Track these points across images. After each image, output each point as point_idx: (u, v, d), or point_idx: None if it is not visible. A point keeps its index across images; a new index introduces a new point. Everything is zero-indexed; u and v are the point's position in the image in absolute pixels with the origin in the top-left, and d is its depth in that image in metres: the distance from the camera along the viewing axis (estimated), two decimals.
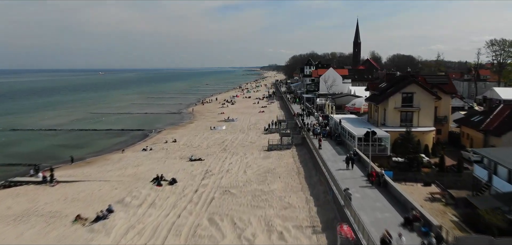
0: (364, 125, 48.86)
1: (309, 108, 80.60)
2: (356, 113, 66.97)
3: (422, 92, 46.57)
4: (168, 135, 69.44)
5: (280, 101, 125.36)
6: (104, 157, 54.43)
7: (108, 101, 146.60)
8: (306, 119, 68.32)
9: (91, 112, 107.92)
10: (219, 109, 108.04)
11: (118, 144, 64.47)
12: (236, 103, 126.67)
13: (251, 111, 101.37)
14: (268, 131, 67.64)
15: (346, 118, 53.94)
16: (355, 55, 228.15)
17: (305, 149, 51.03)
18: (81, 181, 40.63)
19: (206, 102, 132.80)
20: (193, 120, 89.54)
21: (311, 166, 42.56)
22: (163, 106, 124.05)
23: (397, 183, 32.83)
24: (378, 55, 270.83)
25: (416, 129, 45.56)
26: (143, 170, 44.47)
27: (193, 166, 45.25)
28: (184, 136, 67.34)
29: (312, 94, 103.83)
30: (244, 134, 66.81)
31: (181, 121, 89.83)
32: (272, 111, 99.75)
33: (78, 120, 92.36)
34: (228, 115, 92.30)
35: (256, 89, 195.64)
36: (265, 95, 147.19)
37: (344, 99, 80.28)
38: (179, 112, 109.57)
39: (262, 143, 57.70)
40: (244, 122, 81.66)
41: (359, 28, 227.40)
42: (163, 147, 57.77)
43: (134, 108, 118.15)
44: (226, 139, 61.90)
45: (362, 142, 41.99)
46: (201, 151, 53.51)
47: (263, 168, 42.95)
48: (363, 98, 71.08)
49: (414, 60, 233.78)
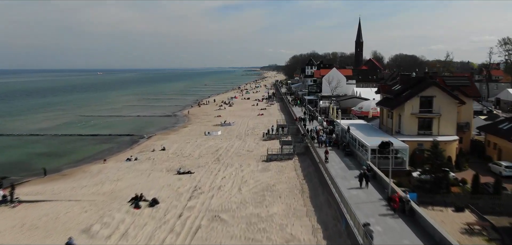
0: (376, 133, 42.97)
1: (311, 112, 74.65)
2: (364, 118, 61.06)
3: (443, 96, 40.65)
4: (158, 141, 63.55)
5: (280, 103, 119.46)
6: (82, 168, 48.49)
7: (102, 103, 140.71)
8: (309, 124, 62.45)
9: (81, 115, 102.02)
10: (216, 112, 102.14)
11: (102, 152, 58.56)
12: (234, 105, 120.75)
13: (249, 114, 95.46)
14: (267, 137, 61.75)
15: (355, 125, 48.03)
16: (357, 55, 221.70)
17: (308, 159, 45.14)
18: (47, 201, 34.70)
19: (203, 104, 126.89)
20: (187, 125, 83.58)
21: (316, 181, 36.66)
22: (158, 109, 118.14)
23: (423, 208, 27.04)
24: (380, 55, 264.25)
25: (436, 138, 39.65)
26: (122, 186, 38.55)
27: (180, 181, 39.33)
28: (175, 142, 61.40)
29: (314, 96, 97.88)
30: (241, 141, 60.88)
31: (174, 126, 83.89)
32: (272, 114, 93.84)
33: (65, 124, 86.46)
34: (225, 119, 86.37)
35: (255, 90, 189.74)
36: (264, 97, 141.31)
37: (349, 102, 74.34)
38: (174, 115, 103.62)
39: (261, 151, 51.81)
40: (242, 127, 75.73)
41: (361, 27, 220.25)
42: (150, 156, 51.82)
43: (127, 111, 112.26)
44: (221, 147, 55.97)
45: (376, 155, 36.15)
46: (192, 162, 47.59)
47: (261, 184, 37.04)
48: (371, 101, 65.17)
49: (417, 60, 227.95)
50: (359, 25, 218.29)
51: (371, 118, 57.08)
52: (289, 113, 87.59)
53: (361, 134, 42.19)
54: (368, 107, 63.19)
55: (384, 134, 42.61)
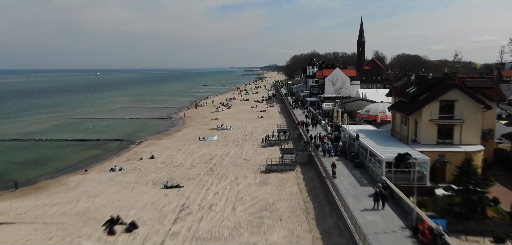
0: (389, 142, 38.03)
1: (314, 115, 69.68)
2: (372, 122, 56.14)
3: (466, 100, 35.69)
4: (148, 148, 58.65)
5: (280, 105, 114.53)
6: (60, 180, 43.57)
7: (96, 104, 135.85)
8: (312, 129, 57.52)
9: (72, 118, 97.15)
10: (213, 114, 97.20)
11: (85, 161, 53.67)
12: (233, 106, 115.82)
13: (248, 117, 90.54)
14: (266, 143, 56.84)
15: (364, 132, 43.05)
16: (359, 55, 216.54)
17: (312, 170, 40.25)
18: (9, 224, 29.80)
19: (200, 106, 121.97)
20: (181, 128, 78.65)
21: (322, 198, 31.77)
22: (154, 110, 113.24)
23: (455, 239, 22.17)
24: (382, 55, 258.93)
25: (459, 148, 34.78)
26: (100, 203, 33.64)
27: (167, 197, 34.43)
28: (166, 149, 56.47)
29: (316, 98, 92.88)
30: (238, 147, 55.95)
31: (168, 129, 79.00)
32: (272, 117, 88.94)
33: (53, 128, 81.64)
34: (222, 122, 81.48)
35: (255, 91, 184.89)
36: (264, 98, 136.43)
37: (355, 104, 69.37)
38: (169, 117, 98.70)
39: (259, 160, 46.90)
40: (239, 131, 70.80)
41: (363, 27, 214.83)
42: (137, 166, 46.86)
43: (121, 113, 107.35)
44: (216, 155, 51.02)
45: (392, 168, 31.24)
46: (182, 173, 42.66)
47: (258, 202, 32.12)
48: (379, 104, 60.20)
49: (420, 59, 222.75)
50: (361, 25, 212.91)
51: (380, 124, 52.09)
52: (290, 116, 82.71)
53: (372, 142, 37.23)
54: (376, 111, 58.21)
55: (398, 142, 37.66)
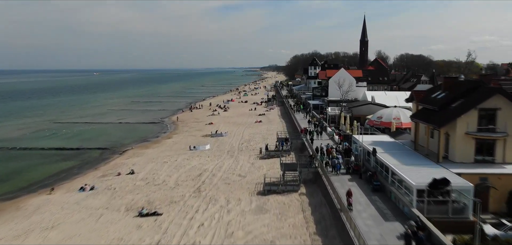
0: (414, 159, 31.10)
1: (319, 122, 62.78)
2: (385, 130, 49.28)
3: (511, 109, 28.82)
4: (131, 159, 51.79)
5: (280, 107, 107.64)
6: (18, 202, 36.61)
7: (87, 106, 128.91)
8: (317, 138, 50.63)
9: (56, 122, 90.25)
10: (208, 118, 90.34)
11: (58, 175, 46.83)
12: (230, 109, 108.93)
13: (246, 121, 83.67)
14: (266, 154, 49.95)
15: (380, 144, 36.13)
16: (362, 55, 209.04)
17: (320, 193, 33.39)
18: None
19: (196, 108, 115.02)
20: (171, 135, 71.72)
21: (334, 235, 24.88)
22: (146, 114, 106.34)
23: None
24: (385, 54, 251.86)
25: (504, 169, 27.90)
26: (54, 239, 26.69)
27: (139, 230, 27.51)
28: (151, 161, 49.54)
29: (320, 101, 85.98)
30: (233, 159, 49.04)
31: (157, 136, 72.09)
32: (271, 121, 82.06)
33: (33, 134, 74.80)
34: (217, 127, 74.60)
35: (254, 92, 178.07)
36: (263, 100, 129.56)
37: (363, 109, 62.41)
38: (161, 121, 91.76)
39: (256, 176, 40.04)
40: (236, 138, 63.91)
41: (366, 26, 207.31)
42: (112, 183, 39.87)
43: (110, 116, 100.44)
44: (206, 169, 44.07)
45: (425, 197, 24.35)
46: (164, 194, 35.71)
47: (253, 239, 25.21)
48: (393, 110, 53.26)
49: (425, 59, 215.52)
50: (363, 24, 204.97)
51: (396, 133, 45.10)
52: (291, 120, 75.80)
53: (393, 160, 30.31)
54: (389, 117, 51.26)
55: (425, 160, 30.72)
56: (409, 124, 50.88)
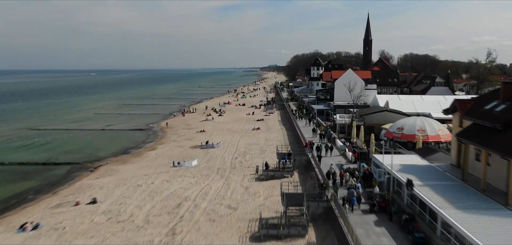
0: (470, 199, 22.06)
1: (326, 131, 53.97)
2: (409, 144, 40.44)
3: None
4: (102, 178, 42.95)
5: (281, 111, 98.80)
6: None
7: (72, 110, 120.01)
8: (325, 154, 41.75)
9: (33, 128, 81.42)
10: (201, 124, 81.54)
11: (8, 200, 38.01)
12: (226, 113, 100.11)
13: (242, 128, 74.86)
14: (264, 174, 41.01)
15: (412, 170, 27.25)
16: (366, 54, 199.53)
17: (334, 237, 24.54)
18: None
19: (189, 112, 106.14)
20: (156, 145, 62.79)
21: None
22: (134, 118, 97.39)
23: None
24: (388, 54, 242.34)
25: None
26: None
27: None
28: (123, 182, 40.62)
29: (325, 105, 77.05)
30: (223, 180, 40.17)
31: (140, 146, 63.21)
32: (271, 129, 73.22)
33: None
34: (209, 136, 65.75)
35: (253, 94, 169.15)
36: (263, 102, 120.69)
37: (378, 117, 53.42)
38: (148, 127, 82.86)
39: (251, 208, 31.22)
40: (229, 150, 55.07)
41: (370, 24, 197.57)
42: (63, 220, 30.80)
43: (94, 122, 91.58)
44: (188, 196, 35.13)
45: None
46: (125, 238, 26.79)
47: None
48: (416, 119, 44.31)
49: (431, 59, 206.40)
50: (367, 22, 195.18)
51: (426, 150, 36.06)
52: (293, 128, 66.92)
53: (442, 201, 21.36)
54: (412, 129, 42.33)
55: (485, 199, 21.75)
56: (436, 138, 42.23)
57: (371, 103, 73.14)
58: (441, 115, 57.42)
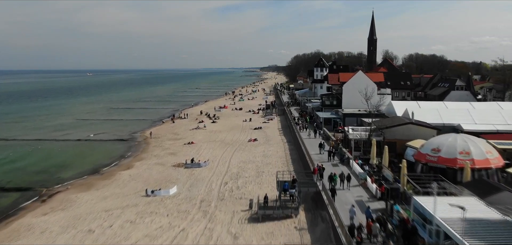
0: None
1: (337, 148, 44.11)
2: (449, 172, 30.66)
3: None
4: (48, 215, 33.11)
5: (281, 118, 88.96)
6: None
7: (52, 115, 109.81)
8: (340, 185, 31.86)
9: (2, 139, 71.49)
10: (191, 134, 71.76)
11: None
12: (220, 119, 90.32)
13: (237, 139, 65.06)
14: (260, 211, 31.03)
15: (475, 225, 17.46)
16: (370, 55, 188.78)
17: None
18: None
19: (180, 118, 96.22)
20: (133, 162, 52.81)
21: None
22: (116, 126, 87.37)
23: None
24: (392, 54, 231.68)
25: None
26: None
27: None
28: (72, 224, 30.68)
29: (332, 113, 67.02)
30: (206, 221, 30.28)
31: (113, 163, 53.20)
32: (270, 140, 63.40)
33: None
34: (197, 150, 56.00)
35: (251, 96, 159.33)
36: (261, 106, 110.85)
37: (401, 131, 43.36)
38: (131, 137, 72.86)
39: None
40: (218, 170, 45.22)
41: (374, 23, 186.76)
42: None
43: (73, 130, 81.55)
44: None
45: None
46: None
47: None
48: (457, 138, 34.26)
49: (439, 60, 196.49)
50: (372, 21, 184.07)
51: (470, 183, 26.13)
52: (296, 140, 57.03)
53: None
54: (452, 151, 32.27)
55: None
56: (484, 163, 32.29)
57: (386, 111, 63.35)
58: (473, 127, 47.69)
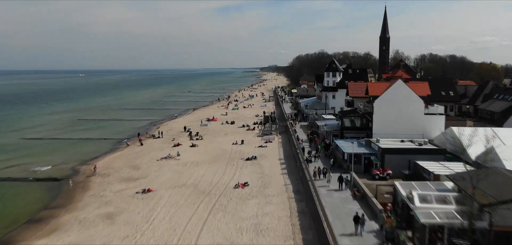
0: None
1: (392, 234, 22.18)
2: None
3: None
4: None
5: (283, 138, 67.28)
6: None
7: (5, 130, 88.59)
8: None
9: None
10: (156, 166, 50.22)
11: None
12: (204, 139, 68.60)
13: (218, 181, 43.23)
14: None
15: None
16: (383, 55, 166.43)
17: None
18: None
19: (152, 137, 74.24)
20: (34, 241, 31.05)
21: None
22: (64, 150, 65.75)
23: None
24: (403, 55, 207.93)
25: None
26: None
27: None
28: None
29: (360, 144, 44.66)
30: None
31: (2, 239, 31.54)
32: (267, 186, 41.68)
33: None
34: (151, 209, 34.29)
35: (248, 103, 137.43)
36: (258, 119, 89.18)
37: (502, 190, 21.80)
38: (69, 174, 50.93)
39: None
40: None
41: (387, 19, 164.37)
42: None
43: (2, 156, 60.17)
44: None
45: None
46: None
47: None
48: None
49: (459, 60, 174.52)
50: (384, 17, 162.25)
51: None
52: (308, 188, 35.35)
53: None
54: None
55: None
56: None
57: (438, 140, 41.85)
58: None
